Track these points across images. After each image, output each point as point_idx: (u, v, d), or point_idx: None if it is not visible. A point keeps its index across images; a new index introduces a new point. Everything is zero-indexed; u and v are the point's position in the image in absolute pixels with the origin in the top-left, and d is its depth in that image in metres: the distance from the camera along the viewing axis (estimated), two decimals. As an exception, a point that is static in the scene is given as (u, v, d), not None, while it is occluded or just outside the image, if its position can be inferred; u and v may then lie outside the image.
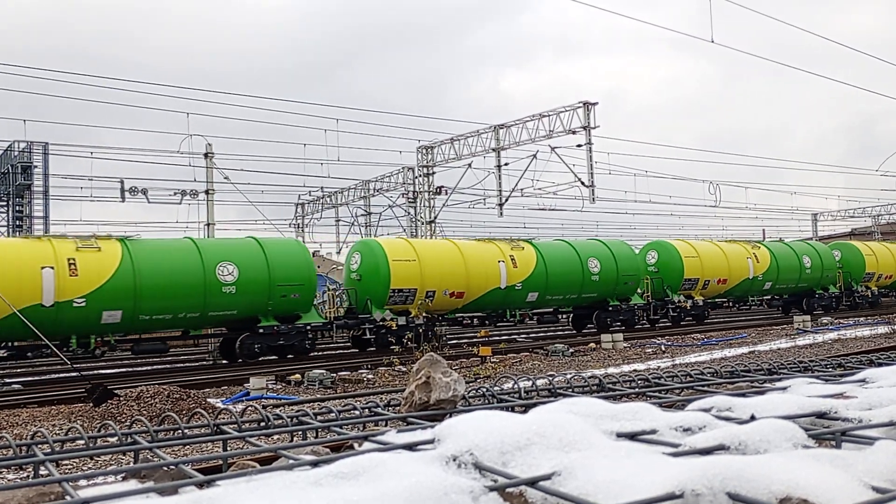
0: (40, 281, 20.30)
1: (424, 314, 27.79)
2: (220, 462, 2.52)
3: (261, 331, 24.04)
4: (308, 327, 25.04)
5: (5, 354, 20.95)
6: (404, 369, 19.48)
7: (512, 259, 29.98)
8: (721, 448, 1.95)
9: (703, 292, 37.80)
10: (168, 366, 25.49)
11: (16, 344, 20.74)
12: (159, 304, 21.99)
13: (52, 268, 20.56)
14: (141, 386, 14.31)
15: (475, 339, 29.50)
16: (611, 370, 18.31)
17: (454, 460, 1.91)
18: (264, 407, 3.43)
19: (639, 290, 35.34)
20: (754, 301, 42.22)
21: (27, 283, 20.14)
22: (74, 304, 20.72)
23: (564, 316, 34.85)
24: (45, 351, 20.75)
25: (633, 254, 35.47)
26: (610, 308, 33.66)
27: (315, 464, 1.99)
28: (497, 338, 30.95)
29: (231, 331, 24.80)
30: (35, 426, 12.76)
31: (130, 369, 24.87)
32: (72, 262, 20.92)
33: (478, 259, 29.15)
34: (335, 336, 27.77)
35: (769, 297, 43.10)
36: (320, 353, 27.21)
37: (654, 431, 2.21)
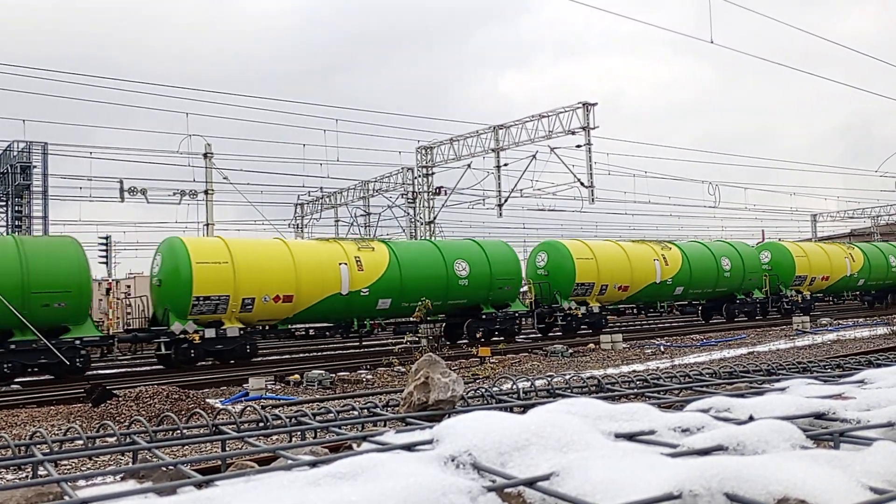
0: (339, 274, 25.22)
1: (598, 305, 33.04)
2: (219, 462, 2.52)
3: (483, 317, 28.93)
4: (516, 314, 29.95)
5: (313, 333, 26.15)
6: (403, 370, 19.47)
7: (664, 258, 35.29)
8: (719, 449, 1.95)
9: (809, 288, 42.69)
10: (167, 366, 25.47)
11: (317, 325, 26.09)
12: (416, 293, 25.73)
13: (346, 264, 25.53)
14: (140, 386, 14.30)
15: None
16: (610, 371, 18.31)
17: (452, 461, 1.91)
18: (263, 407, 3.43)
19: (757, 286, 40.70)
20: (848, 296, 47.48)
21: (331, 276, 25.06)
22: (361, 294, 25.70)
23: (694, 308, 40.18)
24: (340, 332, 26.54)
25: (755, 253, 41.36)
26: (737, 301, 39.28)
27: (313, 464, 1.99)
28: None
29: (450, 317, 29.36)
30: (34, 426, 12.75)
31: (129, 369, 24.86)
32: (358, 259, 25.84)
33: (638, 257, 34.37)
34: (534, 322, 32.04)
35: (861, 292, 48.50)
36: (319, 354, 27.62)
37: (652, 432, 2.21)
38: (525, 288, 32.44)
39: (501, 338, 29.18)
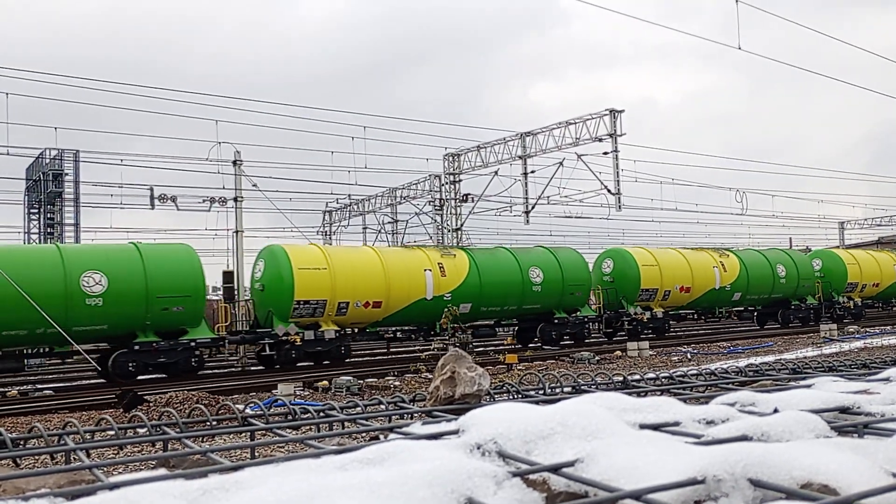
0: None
1: (336, 328, 25.49)
2: (248, 451, 2.56)
3: (136, 348, 21.72)
4: (193, 343, 22.55)
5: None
6: (431, 376, 19.48)
7: (440, 267, 27.86)
8: (743, 438, 1.96)
9: (662, 304, 35.97)
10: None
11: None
12: (8, 315, 19.83)
13: None
14: (170, 392, 14.46)
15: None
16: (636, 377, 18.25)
17: (478, 448, 1.93)
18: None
19: (590, 302, 33.45)
20: (724, 313, 39.65)
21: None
22: None
23: (506, 329, 32.47)
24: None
25: (581, 262, 33.06)
26: (556, 321, 31.20)
27: (340, 452, 2.02)
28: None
29: (109, 348, 22.31)
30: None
31: (161, 375, 25.02)
32: None
33: (400, 267, 27.04)
34: (235, 351, 25.88)
35: (742, 308, 41.00)
36: (347, 361, 27.26)
37: (676, 423, 2.22)
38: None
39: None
